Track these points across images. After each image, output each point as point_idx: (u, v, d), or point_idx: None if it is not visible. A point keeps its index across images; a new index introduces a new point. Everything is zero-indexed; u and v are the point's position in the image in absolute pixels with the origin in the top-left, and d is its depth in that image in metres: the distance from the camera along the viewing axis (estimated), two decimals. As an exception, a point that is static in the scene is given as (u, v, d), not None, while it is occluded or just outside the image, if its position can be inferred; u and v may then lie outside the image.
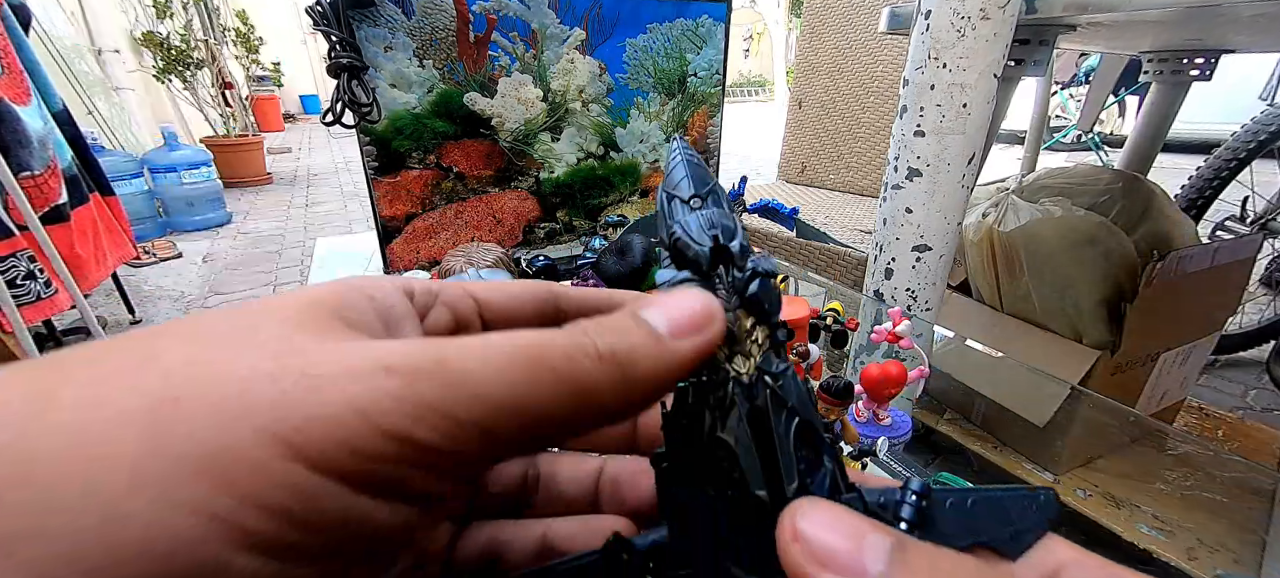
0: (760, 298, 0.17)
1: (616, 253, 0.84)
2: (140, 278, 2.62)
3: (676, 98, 1.09)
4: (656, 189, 0.19)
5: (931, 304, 0.78)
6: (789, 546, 0.13)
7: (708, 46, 1.08)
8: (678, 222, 0.18)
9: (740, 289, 0.17)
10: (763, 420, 0.15)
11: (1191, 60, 1.13)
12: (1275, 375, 1.60)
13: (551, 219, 1.07)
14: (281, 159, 5.60)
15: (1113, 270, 0.88)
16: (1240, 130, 1.47)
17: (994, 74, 0.67)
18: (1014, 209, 0.96)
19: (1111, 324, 0.90)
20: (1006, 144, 4.91)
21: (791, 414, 0.15)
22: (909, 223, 0.74)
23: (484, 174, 0.97)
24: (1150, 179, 1.02)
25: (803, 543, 0.13)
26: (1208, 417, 1.25)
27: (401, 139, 0.88)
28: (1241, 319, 1.73)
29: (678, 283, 0.17)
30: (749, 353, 0.16)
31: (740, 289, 0.17)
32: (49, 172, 1.66)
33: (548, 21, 0.92)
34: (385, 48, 0.82)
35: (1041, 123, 1.55)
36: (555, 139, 1.01)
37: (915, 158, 0.72)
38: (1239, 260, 0.97)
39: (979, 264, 1.05)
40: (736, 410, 0.16)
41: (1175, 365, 1.02)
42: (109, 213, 2.02)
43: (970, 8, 0.63)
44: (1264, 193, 1.58)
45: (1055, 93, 3.93)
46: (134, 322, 2.19)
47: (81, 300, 1.65)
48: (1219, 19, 0.72)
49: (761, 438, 0.15)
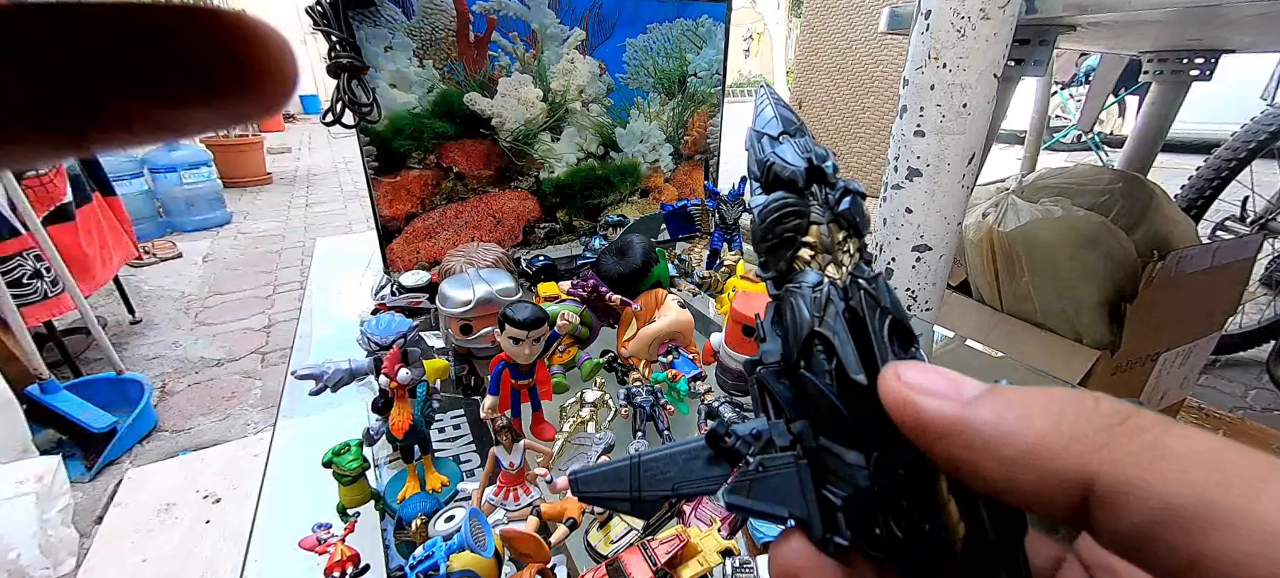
0: (851, 212, 0.19)
1: (616, 253, 0.84)
2: (140, 278, 2.62)
3: (676, 98, 1.09)
4: (745, 132, 0.22)
5: (931, 304, 0.78)
6: (892, 383, 0.15)
7: (708, 46, 1.08)
8: (771, 152, 0.20)
9: (833, 205, 0.19)
10: (857, 318, 0.17)
11: (1191, 60, 1.13)
12: (1275, 375, 1.60)
13: (551, 219, 1.06)
14: (281, 159, 5.60)
15: (1113, 270, 0.88)
16: (1240, 130, 1.47)
17: (994, 74, 0.66)
18: (1014, 209, 0.96)
19: (1111, 324, 0.90)
20: (1006, 144, 4.90)
21: (885, 313, 0.17)
22: (909, 223, 0.74)
23: (484, 174, 0.97)
24: (1150, 179, 1.02)
25: (905, 382, 0.14)
26: (1208, 417, 1.25)
27: (401, 139, 0.88)
28: (1241, 319, 1.73)
29: (774, 203, 0.19)
30: (841, 262, 0.18)
31: (833, 205, 0.19)
32: (54, 171, 1.66)
33: (548, 21, 0.92)
34: (385, 48, 0.82)
35: (1041, 123, 1.54)
36: (555, 139, 1.01)
37: (915, 158, 0.71)
38: (1239, 260, 0.97)
39: (979, 264, 1.05)
40: (832, 307, 0.17)
41: (1175, 365, 1.02)
42: (111, 213, 2.02)
43: (970, 8, 0.63)
44: (1264, 193, 1.58)
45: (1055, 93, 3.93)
46: (134, 322, 2.19)
47: (81, 300, 1.65)
48: (1219, 19, 0.72)
49: (857, 333, 0.17)
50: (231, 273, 2.74)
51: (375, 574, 0.47)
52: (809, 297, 0.18)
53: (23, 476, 1.14)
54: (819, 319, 0.17)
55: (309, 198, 4.11)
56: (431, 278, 0.88)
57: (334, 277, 1.10)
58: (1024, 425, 0.12)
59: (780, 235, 0.19)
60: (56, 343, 1.75)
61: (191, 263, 2.85)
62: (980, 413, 0.13)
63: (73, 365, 1.77)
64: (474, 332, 0.68)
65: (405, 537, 0.52)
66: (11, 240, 1.49)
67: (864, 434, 0.16)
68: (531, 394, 0.64)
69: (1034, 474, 0.12)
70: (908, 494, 0.15)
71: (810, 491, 0.17)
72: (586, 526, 0.52)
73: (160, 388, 1.81)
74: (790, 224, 0.19)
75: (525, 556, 0.45)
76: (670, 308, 0.75)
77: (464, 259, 0.81)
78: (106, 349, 1.73)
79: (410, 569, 0.42)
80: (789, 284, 0.19)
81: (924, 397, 0.14)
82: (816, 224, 0.19)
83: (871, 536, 0.16)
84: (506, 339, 0.59)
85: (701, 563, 0.46)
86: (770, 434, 0.18)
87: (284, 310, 2.35)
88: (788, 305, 0.18)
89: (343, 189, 4.35)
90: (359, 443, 0.55)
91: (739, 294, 0.71)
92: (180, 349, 2.04)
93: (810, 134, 0.21)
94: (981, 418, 0.13)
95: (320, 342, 0.87)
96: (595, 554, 0.50)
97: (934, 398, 0.14)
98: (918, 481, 0.15)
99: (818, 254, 0.18)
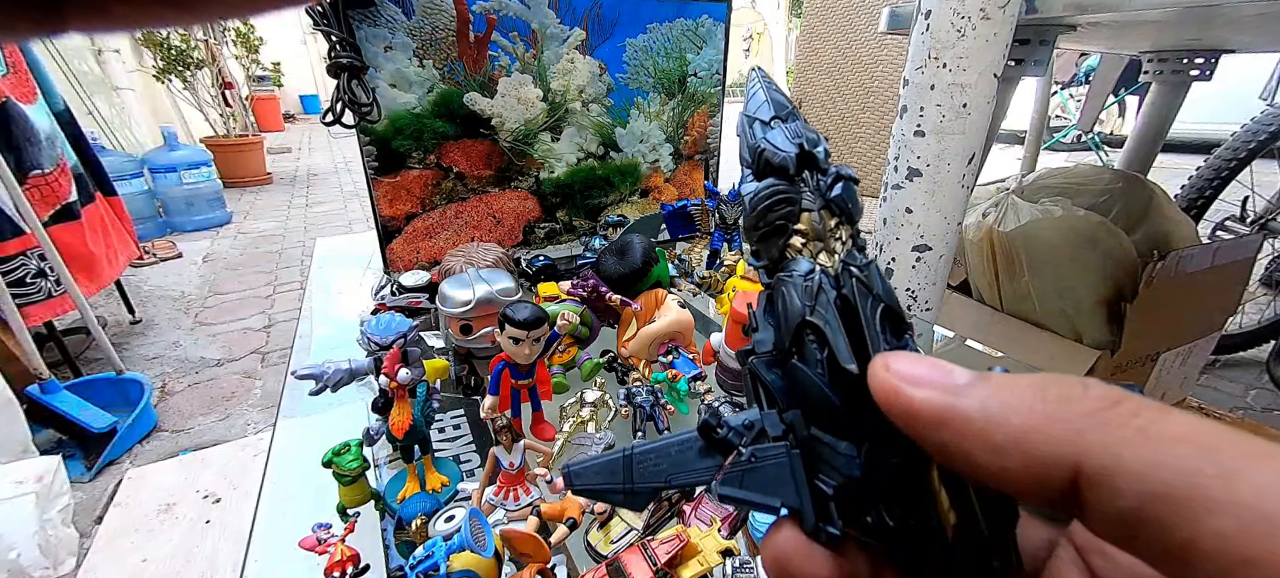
0: (843, 199, 0.19)
1: (616, 253, 0.84)
2: (140, 278, 2.62)
3: (676, 98, 1.09)
4: (737, 118, 0.21)
5: (931, 304, 0.78)
6: (880, 374, 0.14)
7: (708, 46, 1.08)
8: (762, 138, 0.20)
9: (824, 192, 0.19)
10: (849, 307, 0.17)
11: (1191, 60, 1.13)
12: (1275, 375, 1.60)
13: (551, 219, 1.06)
14: (281, 159, 5.60)
15: (1113, 270, 0.88)
16: (1240, 130, 1.47)
17: (994, 74, 0.66)
18: (1014, 209, 0.96)
19: (1111, 324, 0.90)
20: (1006, 144, 4.90)
21: (877, 301, 0.17)
22: (909, 223, 0.74)
23: (484, 174, 0.97)
24: (1150, 179, 1.02)
25: (893, 372, 0.14)
26: (1208, 417, 1.25)
27: (401, 139, 0.88)
28: (1241, 319, 1.72)
29: (765, 190, 0.19)
30: (833, 249, 0.18)
31: (824, 192, 0.19)
32: (58, 170, 1.67)
33: (548, 21, 0.92)
34: (385, 48, 0.82)
35: (1041, 123, 1.54)
36: (555, 139, 1.01)
37: (915, 158, 0.71)
38: (1239, 260, 0.97)
39: (979, 264, 1.05)
40: (824, 296, 0.17)
41: (1175, 365, 1.02)
42: (113, 212, 2.03)
43: (970, 8, 0.63)
44: (1264, 193, 1.58)
45: (1055, 93, 3.93)
46: (134, 322, 2.19)
47: (81, 300, 1.65)
48: (1219, 19, 0.72)
49: (849, 321, 0.17)
50: (231, 273, 2.74)
51: (375, 574, 0.47)
52: (800, 285, 0.18)
53: (23, 475, 1.14)
54: (810, 308, 0.17)
55: (309, 198, 4.11)
56: (431, 278, 0.88)
57: (334, 277, 1.10)
58: (1012, 410, 0.12)
59: (771, 223, 0.19)
60: (56, 343, 1.75)
61: (191, 263, 2.85)
62: (969, 400, 0.13)
63: (73, 365, 1.77)
64: (474, 332, 0.68)
65: (405, 537, 0.52)
66: (14, 240, 1.49)
67: (856, 424, 0.16)
68: (531, 394, 0.64)
69: (1023, 459, 0.12)
70: (899, 484, 0.15)
71: (802, 481, 0.17)
72: (586, 525, 0.52)
73: (160, 388, 1.81)
74: (781, 211, 0.19)
75: (525, 556, 0.45)
76: (670, 308, 0.75)
77: (464, 259, 0.81)
78: (106, 349, 1.73)
79: (410, 569, 0.42)
80: (780, 273, 0.18)
81: (913, 387, 0.14)
82: (808, 211, 0.18)
83: (863, 524, 0.16)
84: (506, 339, 0.59)
85: (701, 563, 0.46)
86: (763, 424, 0.18)
87: (284, 310, 2.35)
88: (779, 294, 0.18)
89: (343, 189, 4.35)
90: (359, 443, 0.55)
91: (739, 294, 0.71)
92: (180, 349, 2.04)
93: (803, 119, 0.21)
94: (970, 405, 0.13)
95: (320, 342, 0.87)
96: (595, 554, 0.50)
97: (923, 388, 0.14)
98: (910, 470, 0.15)
99: (810, 242, 0.18)
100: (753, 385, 0.19)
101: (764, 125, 0.20)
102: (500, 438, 0.54)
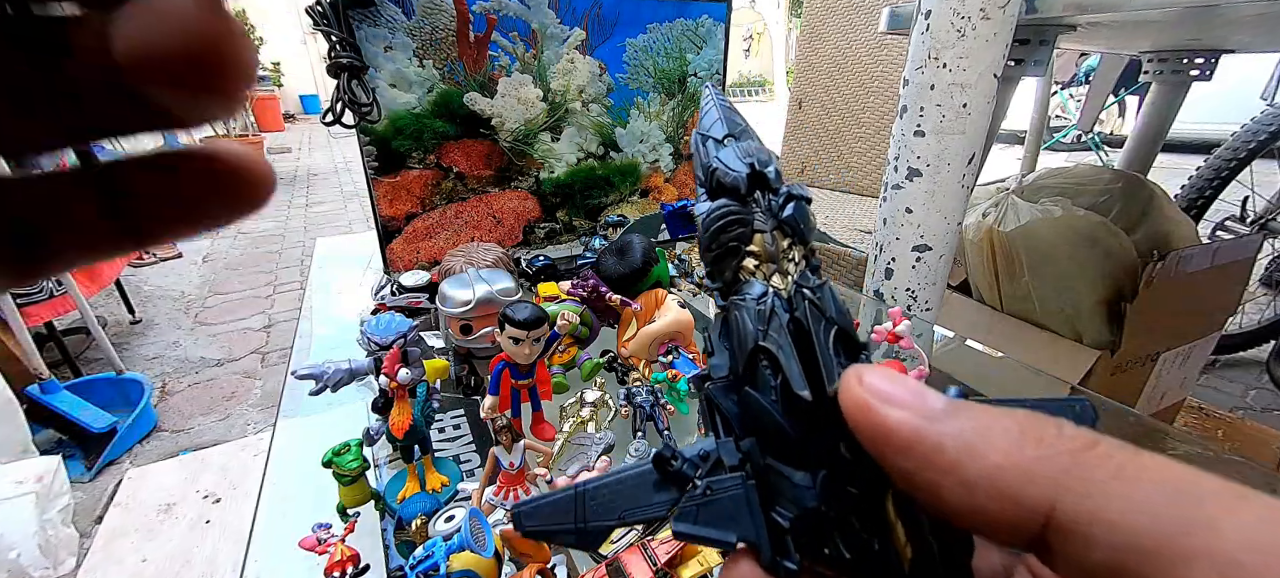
0: (795, 219, 0.18)
1: (616, 253, 0.84)
2: (140, 278, 2.62)
3: (676, 98, 1.09)
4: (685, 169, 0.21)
5: (931, 304, 0.78)
6: (853, 388, 0.14)
7: (708, 46, 1.08)
8: (714, 156, 0.19)
9: (776, 211, 0.18)
10: (802, 330, 0.17)
11: (1191, 60, 1.13)
12: (1275, 375, 1.60)
13: (551, 219, 1.06)
14: (281, 159, 5.60)
15: (1113, 270, 0.88)
16: (1240, 130, 1.47)
17: (994, 74, 0.66)
18: (1014, 209, 0.96)
19: (1111, 324, 0.90)
20: (1006, 144, 4.90)
21: (830, 324, 0.17)
22: (909, 223, 0.74)
23: (484, 174, 0.97)
24: (1150, 179, 1.02)
25: (867, 387, 0.14)
26: (1208, 417, 1.25)
27: (401, 139, 0.88)
28: (1241, 319, 1.73)
29: (717, 210, 0.18)
30: (786, 271, 0.18)
31: (776, 211, 0.18)
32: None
33: (548, 21, 0.92)
34: (385, 48, 0.82)
35: (1041, 123, 1.54)
36: (555, 139, 1.01)
37: (915, 158, 0.71)
38: (1239, 260, 0.97)
39: (979, 264, 1.05)
40: (776, 320, 0.17)
41: (1175, 365, 1.02)
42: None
43: (970, 8, 0.63)
44: (1264, 193, 1.58)
45: (1055, 93, 3.93)
46: (134, 322, 2.19)
47: (81, 300, 1.65)
48: (1219, 19, 0.72)
49: (802, 345, 0.16)
50: (231, 273, 2.74)
51: (375, 574, 0.47)
52: (753, 309, 0.17)
53: (23, 476, 1.14)
54: (763, 333, 0.17)
55: (309, 198, 4.11)
56: (431, 278, 0.88)
57: (334, 277, 1.10)
58: (986, 445, 0.12)
59: (724, 244, 0.18)
60: (56, 343, 1.75)
61: (191, 263, 2.85)
62: (943, 429, 0.13)
63: (73, 365, 1.77)
64: (474, 332, 0.68)
65: (405, 537, 0.52)
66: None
67: (811, 452, 0.16)
68: (531, 394, 0.64)
69: (994, 497, 0.12)
70: (856, 514, 0.15)
71: (758, 513, 0.16)
72: (586, 526, 0.52)
73: (160, 388, 1.81)
74: (734, 233, 0.18)
75: (525, 556, 0.45)
76: (670, 308, 0.75)
77: (464, 259, 0.81)
78: (106, 349, 1.73)
79: (410, 569, 0.42)
80: (734, 296, 0.18)
81: (886, 405, 0.13)
82: (760, 232, 0.18)
83: (821, 556, 0.15)
84: (506, 339, 0.59)
85: (701, 563, 0.46)
86: (718, 454, 0.17)
87: (284, 310, 2.35)
88: (733, 318, 0.18)
89: (343, 189, 4.35)
90: (359, 443, 0.55)
91: (739, 294, 0.70)
92: (180, 349, 2.04)
93: (756, 137, 0.20)
94: (944, 434, 0.12)
95: (320, 342, 0.87)
96: (595, 554, 0.50)
97: (897, 407, 0.13)
98: (866, 501, 0.15)
99: (762, 263, 0.18)
100: (709, 412, 0.18)
101: (717, 143, 0.20)
102: (500, 438, 0.54)
